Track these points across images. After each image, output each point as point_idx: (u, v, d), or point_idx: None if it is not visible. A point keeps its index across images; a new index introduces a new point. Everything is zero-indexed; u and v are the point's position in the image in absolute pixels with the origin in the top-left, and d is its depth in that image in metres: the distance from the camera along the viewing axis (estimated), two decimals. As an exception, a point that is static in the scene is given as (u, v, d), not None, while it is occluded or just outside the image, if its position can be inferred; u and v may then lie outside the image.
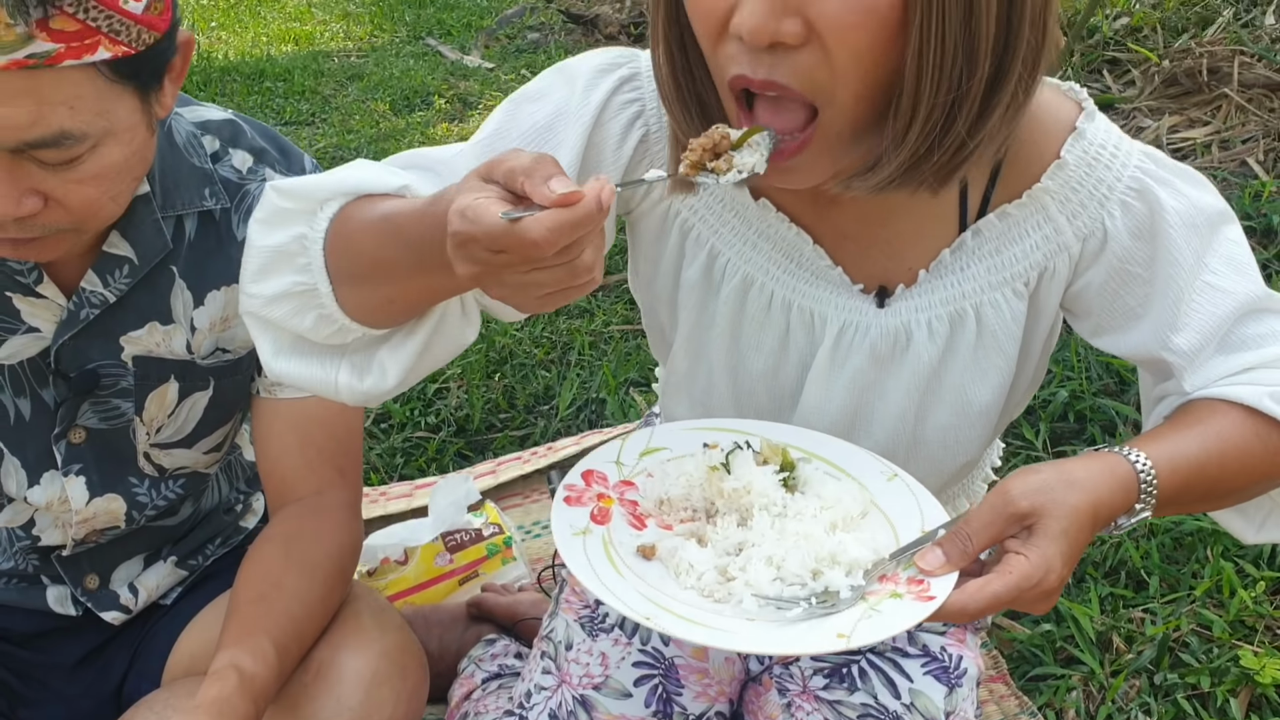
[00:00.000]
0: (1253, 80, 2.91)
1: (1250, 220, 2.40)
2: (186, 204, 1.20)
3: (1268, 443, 0.94)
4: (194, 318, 1.24)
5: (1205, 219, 0.98)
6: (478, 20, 5.83)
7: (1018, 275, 1.00)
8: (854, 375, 1.04)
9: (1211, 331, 0.97)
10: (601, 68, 1.02)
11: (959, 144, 0.84)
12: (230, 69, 4.92)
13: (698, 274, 1.06)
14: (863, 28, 0.78)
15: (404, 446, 2.40)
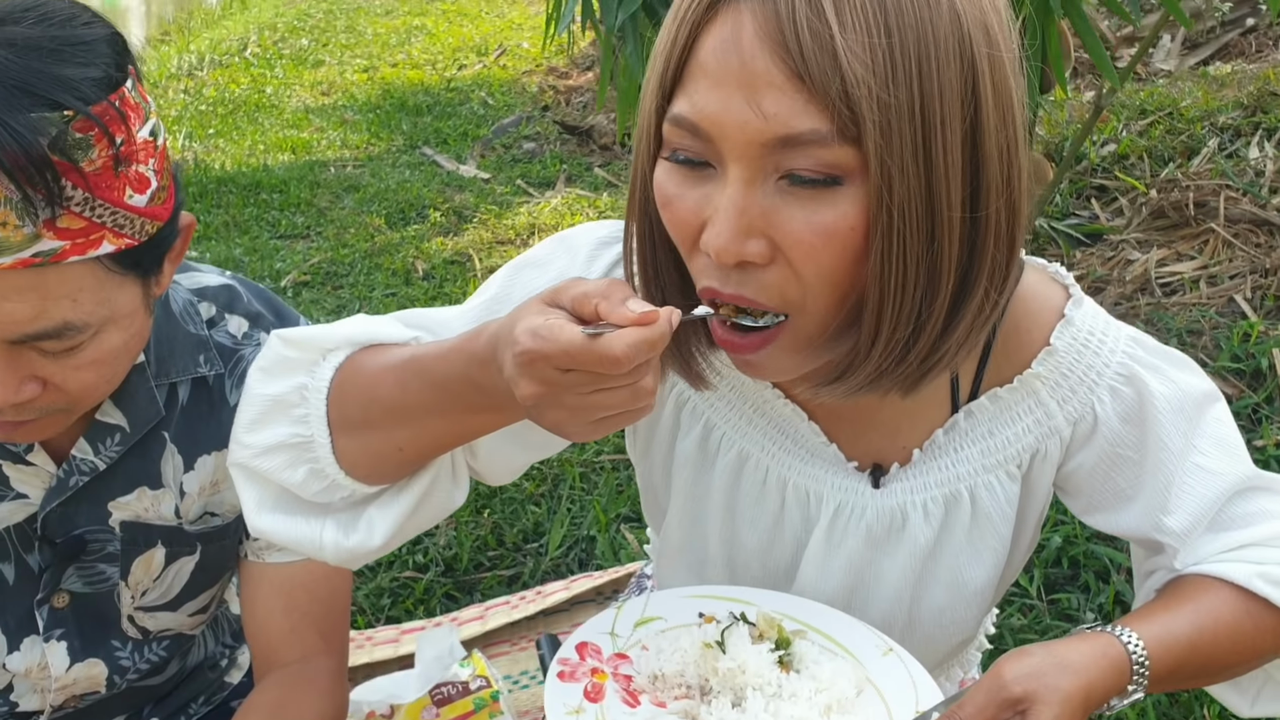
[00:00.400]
0: (1238, 216, 2.94)
1: (1239, 362, 2.41)
2: (181, 371, 1.20)
3: (1259, 621, 0.95)
4: (184, 482, 1.23)
5: (1193, 402, 0.99)
6: (474, 130, 5.91)
7: (1010, 458, 1.01)
8: (850, 556, 1.03)
9: (1202, 513, 0.98)
10: (603, 240, 1.03)
11: (924, 355, 0.85)
12: (227, 179, 4.96)
13: (693, 446, 1.07)
14: (826, 249, 0.79)
15: (391, 586, 2.37)
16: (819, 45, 0.74)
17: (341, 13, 9.99)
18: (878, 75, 0.75)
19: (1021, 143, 0.83)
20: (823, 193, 0.78)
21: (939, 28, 0.76)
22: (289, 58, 8.02)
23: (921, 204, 0.78)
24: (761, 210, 0.79)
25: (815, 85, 0.75)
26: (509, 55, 7.73)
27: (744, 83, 0.77)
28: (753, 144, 0.78)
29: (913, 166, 0.77)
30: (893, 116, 0.75)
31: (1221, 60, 4.51)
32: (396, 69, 7.51)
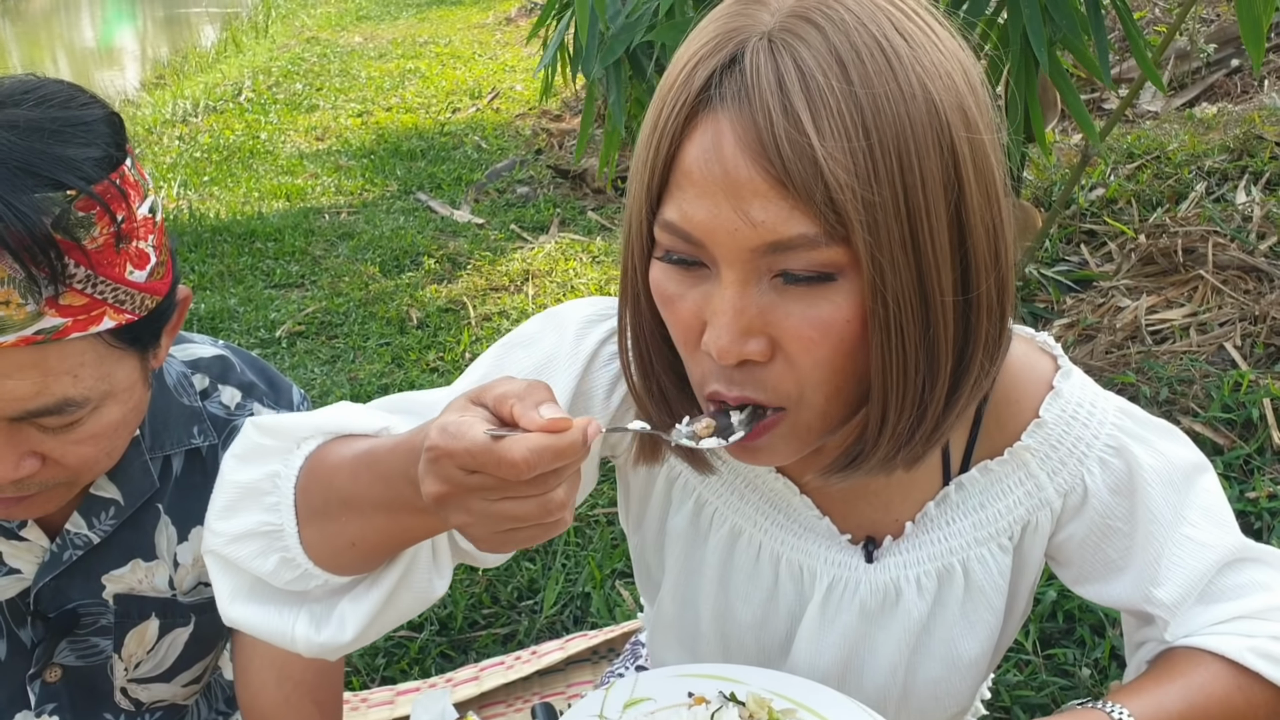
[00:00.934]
0: (1227, 262, 2.96)
1: (1230, 412, 2.42)
2: (175, 444, 1.21)
3: (1250, 696, 0.95)
4: (178, 553, 1.23)
5: (1181, 474, 1.00)
6: (468, 174, 5.94)
7: (1002, 530, 1.01)
8: (844, 631, 1.04)
9: (1192, 584, 0.99)
10: (591, 318, 1.03)
11: (930, 432, 0.86)
12: (221, 228, 4.97)
13: (685, 521, 1.07)
14: (824, 342, 0.80)
15: (386, 646, 2.36)
16: (799, 155, 0.75)
17: (335, 56, 10.05)
18: (860, 177, 0.76)
19: (1006, 217, 0.84)
20: (817, 288, 0.79)
21: (916, 120, 0.77)
22: (283, 102, 8.06)
23: (914, 292, 0.79)
24: (759, 309, 0.80)
25: (800, 193, 0.76)
26: (502, 98, 7.78)
27: (730, 191, 0.78)
28: (743, 249, 0.79)
29: (903, 258, 0.78)
30: (879, 214, 0.76)
31: (1207, 101, 4.55)
32: (390, 113, 7.55)
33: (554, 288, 4.24)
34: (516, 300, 4.15)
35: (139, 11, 17.27)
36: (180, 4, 17.28)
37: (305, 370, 3.66)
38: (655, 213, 0.84)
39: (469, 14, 12.39)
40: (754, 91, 0.76)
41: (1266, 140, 3.50)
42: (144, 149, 6.85)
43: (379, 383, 3.51)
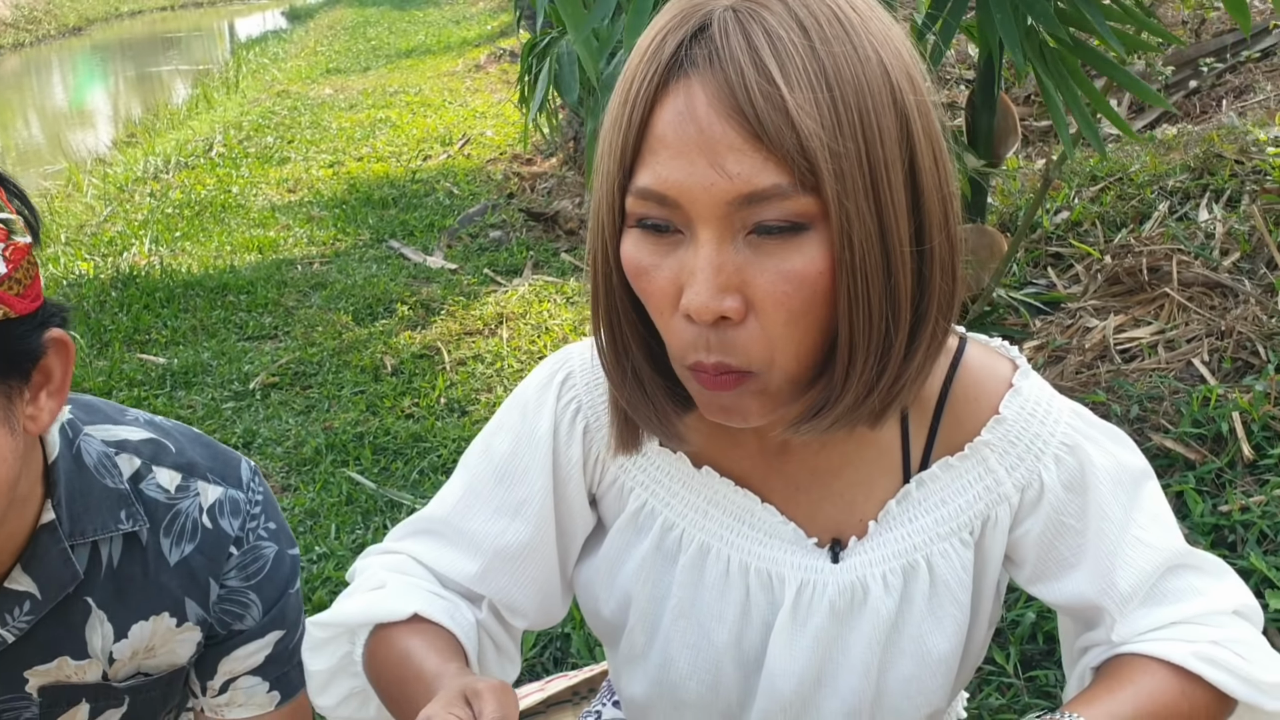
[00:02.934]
0: (1191, 279, 2.98)
1: (1201, 427, 2.43)
2: (100, 529, 1.10)
3: (1193, 700, 0.97)
4: (113, 651, 1.14)
5: (1130, 476, 1.03)
6: (440, 220, 5.95)
7: (963, 525, 1.03)
8: (816, 633, 1.04)
9: (1140, 584, 1.01)
10: (542, 384, 1.09)
11: (891, 383, 0.89)
12: (194, 283, 4.97)
13: (651, 547, 1.07)
14: (796, 295, 0.84)
15: (365, 695, 2.34)
16: (772, 106, 0.80)
17: (306, 108, 10.10)
18: (826, 127, 0.80)
19: (952, 179, 0.89)
20: (790, 240, 0.83)
21: (872, 80, 0.83)
22: (254, 156, 8.08)
23: (877, 242, 0.83)
24: (735, 266, 0.84)
25: (773, 143, 0.80)
26: (474, 144, 7.82)
27: (705, 148, 0.81)
28: (720, 204, 0.82)
29: (866, 207, 0.82)
30: (844, 163, 0.81)
31: (1168, 123, 4.61)
32: (362, 163, 7.57)
33: (528, 330, 4.24)
34: (491, 344, 4.15)
35: (110, 70, 17.34)
36: (151, 62, 17.35)
37: (280, 421, 3.64)
38: (627, 185, 0.87)
39: (439, 62, 12.48)
40: (724, 52, 0.81)
41: (1226, 158, 3.54)
42: (116, 206, 6.85)
43: (354, 431, 3.49)
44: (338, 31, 17.25)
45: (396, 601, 1.03)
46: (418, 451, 3.36)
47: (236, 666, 1.21)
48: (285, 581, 1.22)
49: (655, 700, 1.11)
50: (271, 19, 23.36)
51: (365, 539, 2.89)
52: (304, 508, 3.07)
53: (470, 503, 1.08)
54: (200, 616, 1.17)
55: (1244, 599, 1.03)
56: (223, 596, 1.17)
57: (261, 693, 1.22)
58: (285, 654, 1.23)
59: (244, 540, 1.18)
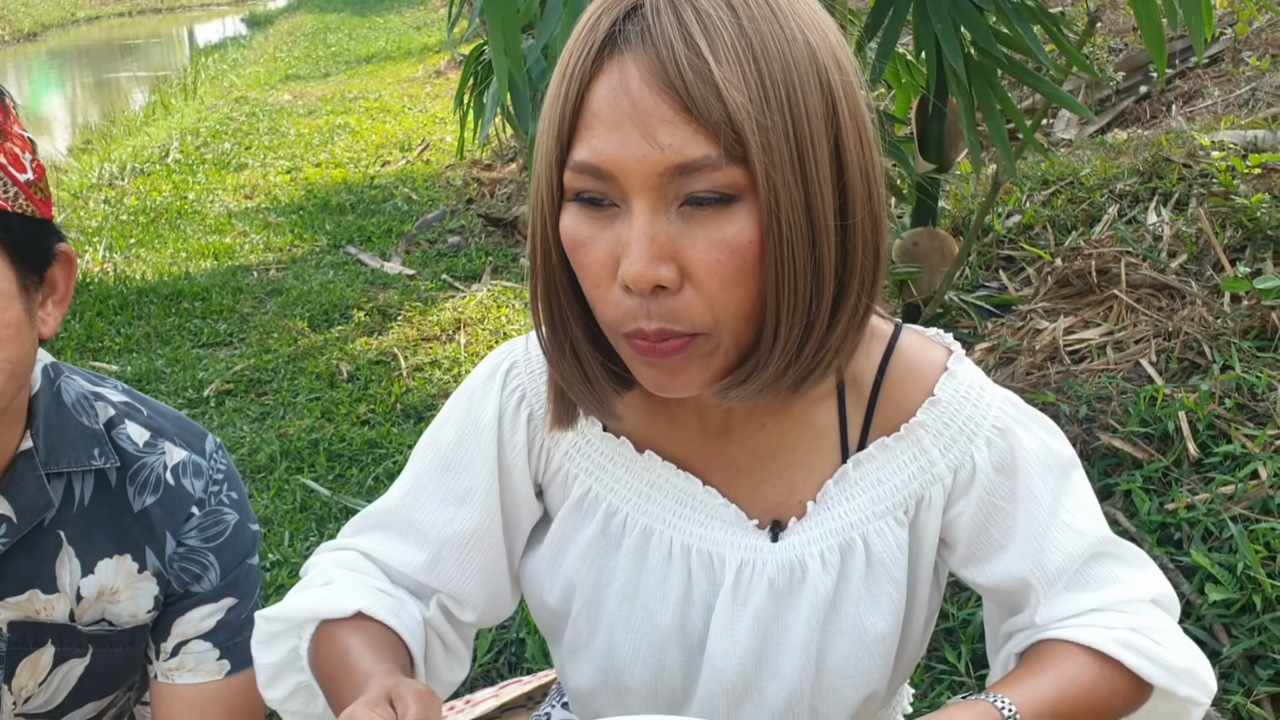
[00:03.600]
0: (1140, 281, 3.02)
1: (1147, 426, 2.46)
2: (74, 463, 1.17)
3: (1112, 684, 1.00)
4: (81, 586, 1.19)
5: (1058, 463, 1.06)
6: (398, 226, 5.93)
7: (898, 504, 1.05)
8: (756, 612, 1.06)
9: (1065, 567, 1.05)
10: (487, 374, 1.11)
11: (815, 351, 0.92)
12: (148, 290, 4.92)
13: (595, 532, 1.09)
14: (729, 263, 0.87)
15: (317, 702, 2.32)
16: (701, 80, 0.83)
17: (264, 115, 10.04)
18: (754, 101, 0.84)
19: (877, 160, 0.92)
20: (720, 211, 0.86)
21: (799, 59, 0.86)
22: (211, 162, 8.02)
23: (802, 214, 0.87)
24: (669, 237, 0.87)
25: (702, 115, 0.83)
26: (433, 150, 7.80)
27: (637, 121, 0.85)
28: (652, 175, 0.85)
29: (792, 179, 0.86)
30: (771, 136, 0.84)
31: (1119, 128, 4.67)
32: (320, 168, 7.53)
33: (486, 335, 4.23)
34: (449, 349, 4.14)
35: (67, 77, 17.16)
36: (109, 69, 17.20)
37: (234, 429, 3.61)
38: (565, 160, 0.90)
39: (399, 68, 12.44)
40: (655, 29, 0.85)
41: (1174, 162, 3.59)
42: (70, 214, 6.78)
43: (309, 438, 3.47)
44: (298, 38, 17.17)
45: (342, 599, 1.04)
46: (373, 458, 3.34)
47: (188, 629, 1.24)
48: (245, 551, 1.27)
49: (600, 688, 1.12)
50: (231, 25, 23.21)
51: (319, 545, 2.87)
52: (258, 515, 3.04)
53: (417, 494, 1.10)
54: (157, 568, 1.22)
55: (1161, 588, 1.06)
56: (181, 554, 1.22)
57: (211, 659, 1.25)
58: (237, 623, 1.26)
59: (206, 503, 1.24)
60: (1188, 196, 3.40)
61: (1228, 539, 2.13)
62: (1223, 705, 1.92)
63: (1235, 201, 3.22)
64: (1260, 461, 2.25)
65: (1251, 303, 2.76)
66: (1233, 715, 1.91)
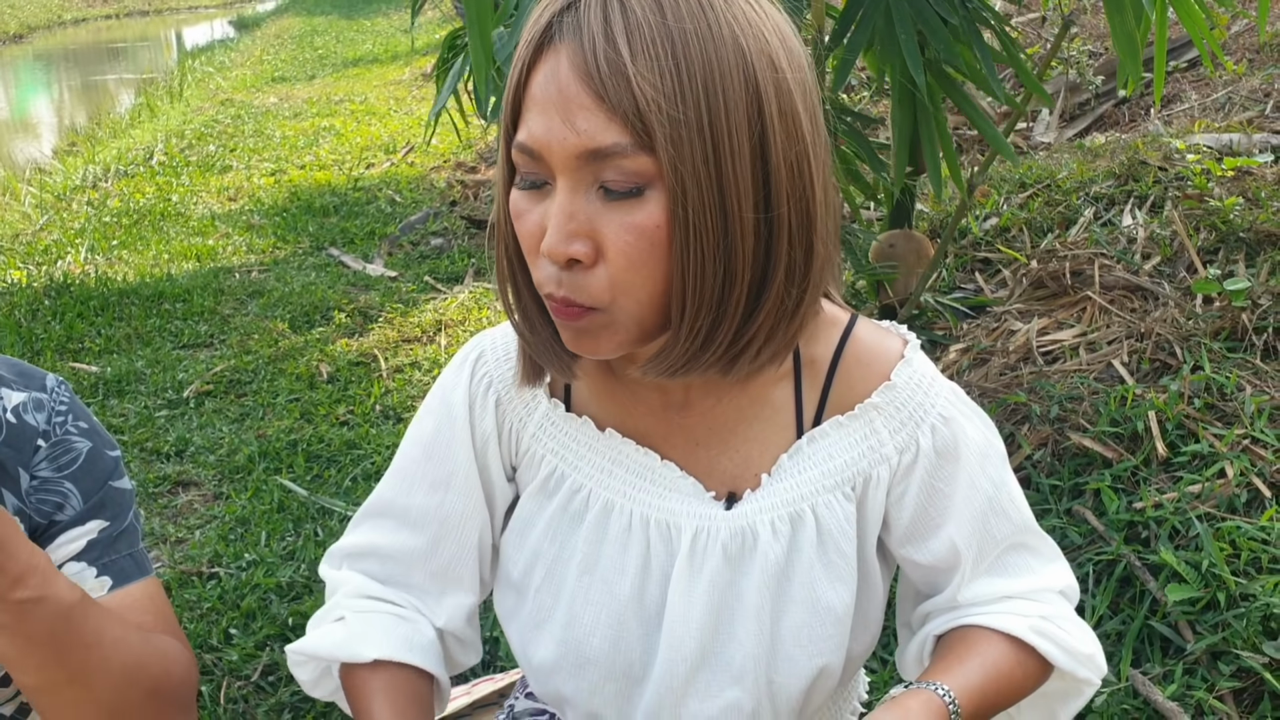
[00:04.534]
0: (1113, 282, 3.04)
1: (1117, 425, 2.48)
2: None
3: (1026, 667, 1.10)
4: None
5: (995, 454, 1.14)
6: (381, 228, 5.93)
7: (846, 480, 1.11)
8: (711, 577, 1.11)
9: (988, 550, 1.14)
10: (457, 365, 1.19)
11: (729, 340, 0.98)
12: (130, 291, 4.91)
13: (559, 508, 1.15)
14: (636, 245, 0.92)
15: (292, 701, 2.33)
16: (614, 72, 0.89)
17: (250, 117, 10.02)
18: (666, 95, 0.88)
19: (813, 155, 0.96)
20: (632, 201, 0.92)
21: (723, 57, 0.90)
22: (196, 164, 8.01)
23: (715, 204, 0.91)
24: (586, 215, 0.93)
25: (613, 105, 0.89)
26: (417, 152, 7.80)
27: (561, 107, 0.91)
28: (571, 157, 0.91)
29: (704, 170, 0.90)
30: (682, 129, 0.89)
31: (1098, 131, 4.69)
32: (304, 170, 7.53)
33: (467, 337, 4.23)
34: (429, 351, 4.15)
35: (53, 79, 17.11)
36: (96, 71, 17.15)
37: (213, 429, 3.61)
38: (512, 141, 0.96)
39: (385, 71, 12.44)
40: (584, 24, 0.91)
41: (1150, 165, 3.61)
42: (53, 215, 6.77)
43: (287, 439, 3.47)
44: (285, 40, 17.15)
45: (359, 645, 1.13)
46: (351, 459, 3.34)
47: (60, 553, 1.25)
48: (105, 474, 1.28)
49: (560, 662, 1.15)
50: (219, 28, 23.16)
51: (296, 545, 2.87)
52: (235, 515, 3.05)
53: (409, 483, 1.18)
54: (16, 506, 1.23)
55: (1068, 580, 1.17)
56: (36, 487, 1.24)
57: (90, 578, 1.25)
58: (109, 541, 1.27)
59: (51, 434, 1.25)
60: (1163, 199, 3.42)
61: (1194, 537, 2.15)
62: (1186, 701, 1.94)
63: (1209, 204, 3.25)
64: (1227, 460, 2.27)
65: (1223, 304, 2.78)
66: (1195, 710, 1.93)
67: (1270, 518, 2.12)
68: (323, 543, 2.86)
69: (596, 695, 1.15)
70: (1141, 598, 2.13)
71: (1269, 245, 2.97)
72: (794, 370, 1.12)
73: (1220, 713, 1.92)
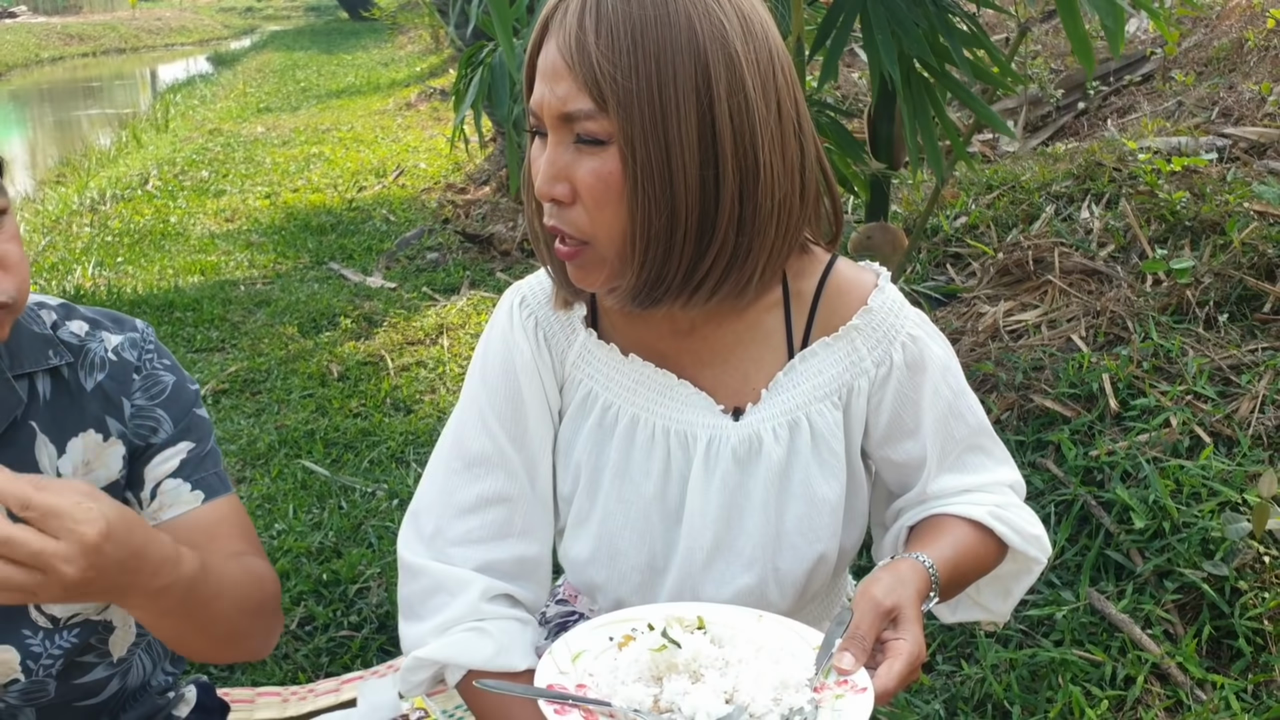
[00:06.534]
0: (1071, 267, 3.31)
1: (1075, 388, 2.74)
2: (34, 363, 1.36)
3: (987, 546, 1.29)
4: (59, 466, 1.37)
5: (955, 368, 1.34)
6: (378, 244, 6.16)
7: (833, 391, 1.31)
8: (723, 478, 1.30)
9: (950, 449, 1.32)
10: (506, 312, 1.36)
11: (683, 275, 1.17)
12: (140, 301, 5.12)
13: (593, 424, 1.34)
14: (597, 188, 1.14)
15: (328, 646, 2.54)
16: (581, 51, 1.11)
17: (239, 145, 10.25)
18: (621, 70, 1.09)
19: (764, 125, 1.14)
20: (598, 150, 1.13)
21: (675, 39, 1.10)
22: (190, 189, 8.23)
23: (661, 159, 1.11)
24: (565, 163, 1.15)
25: (579, 76, 1.11)
26: (407, 175, 8.04)
27: (548, 77, 1.14)
28: (553, 116, 1.14)
29: (651, 131, 1.10)
30: (633, 98, 1.09)
31: (1059, 141, 4.99)
32: (298, 193, 7.76)
33: (469, 338, 4.47)
34: (433, 351, 4.37)
35: (27, 118, 17.23)
36: (71, 108, 17.28)
37: (232, 423, 3.82)
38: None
39: (369, 102, 12.68)
40: (567, 16, 1.13)
41: (1105, 166, 3.90)
42: (54, 237, 6.96)
43: (304, 429, 3.69)
44: (266, 74, 17.38)
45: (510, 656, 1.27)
46: (367, 444, 3.56)
47: (158, 471, 1.43)
48: (189, 403, 1.46)
49: (595, 555, 1.35)
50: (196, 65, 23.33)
51: (321, 517, 3.09)
52: (260, 494, 3.26)
53: (492, 426, 1.32)
54: (120, 430, 1.41)
55: (1016, 477, 1.37)
56: (134, 414, 1.42)
57: (185, 491, 1.43)
58: (197, 460, 1.45)
59: (143, 368, 1.44)
60: (1117, 195, 3.70)
61: (1143, 478, 2.40)
62: (1136, 614, 2.19)
63: (1159, 198, 3.53)
64: (1171, 413, 2.53)
65: (1170, 284, 3.05)
66: (1144, 621, 2.18)
67: (1208, 456, 2.38)
68: (347, 514, 3.08)
69: (625, 583, 1.35)
70: (1096, 531, 2.39)
71: (1211, 232, 3.25)
72: (783, 300, 1.30)
73: (1166, 622, 2.17)
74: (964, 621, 1.41)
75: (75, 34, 26.43)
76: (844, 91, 5.93)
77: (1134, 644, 2.14)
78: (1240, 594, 2.15)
